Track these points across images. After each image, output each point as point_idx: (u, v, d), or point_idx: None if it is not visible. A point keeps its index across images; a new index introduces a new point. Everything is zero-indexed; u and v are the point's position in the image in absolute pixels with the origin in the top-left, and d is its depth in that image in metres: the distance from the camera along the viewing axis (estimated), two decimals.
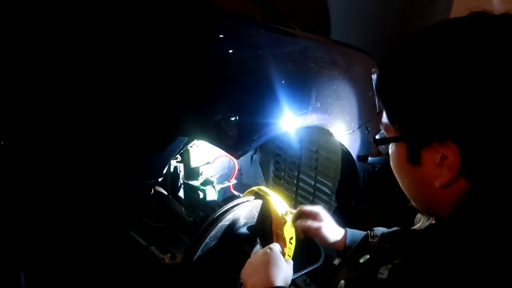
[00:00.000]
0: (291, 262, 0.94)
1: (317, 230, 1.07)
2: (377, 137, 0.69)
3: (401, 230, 0.71)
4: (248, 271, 0.89)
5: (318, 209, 1.11)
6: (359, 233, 1.06)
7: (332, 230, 1.07)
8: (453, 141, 0.52)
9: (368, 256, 0.68)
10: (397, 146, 0.63)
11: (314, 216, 1.10)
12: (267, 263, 0.87)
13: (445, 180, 0.55)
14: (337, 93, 1.27)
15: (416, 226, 0.86)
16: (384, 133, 0.66)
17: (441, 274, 0.49)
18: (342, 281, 0.63)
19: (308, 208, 1.13)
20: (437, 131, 0.54)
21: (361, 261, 0.68)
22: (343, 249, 1.05)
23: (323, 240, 1.07)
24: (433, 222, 0.71)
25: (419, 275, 0.51)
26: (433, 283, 0.49)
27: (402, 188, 0.66)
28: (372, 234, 0.86)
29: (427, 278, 0.50)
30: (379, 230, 0.94)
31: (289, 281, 0.88)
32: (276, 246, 0.95)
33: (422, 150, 0.57)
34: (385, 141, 0.66)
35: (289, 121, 1.06)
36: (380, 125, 0.66)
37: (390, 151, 0.66)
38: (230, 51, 1.02)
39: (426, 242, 0.58)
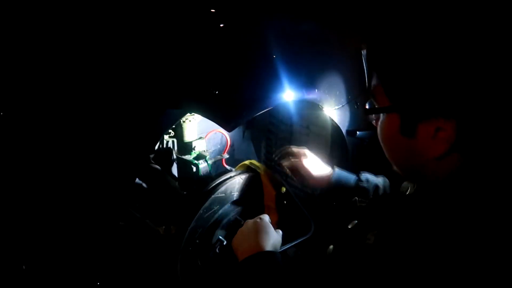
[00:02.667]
0: (280, 231, 0.98)
1: (302, 164, 1.13)
2: (367, 106, 0.67)
3: (388, 195, 0.73)
4: (239, 239, 0.93)
5: (304, 149, 1.18)
6: (345, 175, 1.09)
7: (317, 166, 1.13)
8: (454, 116, 0.53)
9: (356, 222, 0.70)
10: (389, 117, 0.61)
11: (299, 154, 1.17)
12: (257, 230, 0.91)
13: (439, 152, 0.56)
14: (327, 67, 1.28)
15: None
16: (374, 103, 0.63)
17: (425, 238, 0.51)
18: (331, 246, 0.66)
19: (294, 148, 1.18)
20: (443, 107, 0.53)
21: (349, 226, 0.70)
22: (326, 185, 1.08)
23: (307, 173, 1.12)
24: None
25: (405, 239, 0.52)
26: (418, 246, 0.51)
27: (389, 158, 0.66)
28: (360, 178, 0.88)
29: (412, 242, 0.51)
30: (366, 175, 0.98)
31: (278, 248, 0.92)
32: (265, 216, 0.99)
33: (419, 123, 0.56)
34: (377, 111, 0.63)
35: (280, 95, 1.08)
36: (370, 95, 0.64)
37: (379, 122, 0.64)
38: (222, 25, 1.03)
39: (411, 207, 0.60)
